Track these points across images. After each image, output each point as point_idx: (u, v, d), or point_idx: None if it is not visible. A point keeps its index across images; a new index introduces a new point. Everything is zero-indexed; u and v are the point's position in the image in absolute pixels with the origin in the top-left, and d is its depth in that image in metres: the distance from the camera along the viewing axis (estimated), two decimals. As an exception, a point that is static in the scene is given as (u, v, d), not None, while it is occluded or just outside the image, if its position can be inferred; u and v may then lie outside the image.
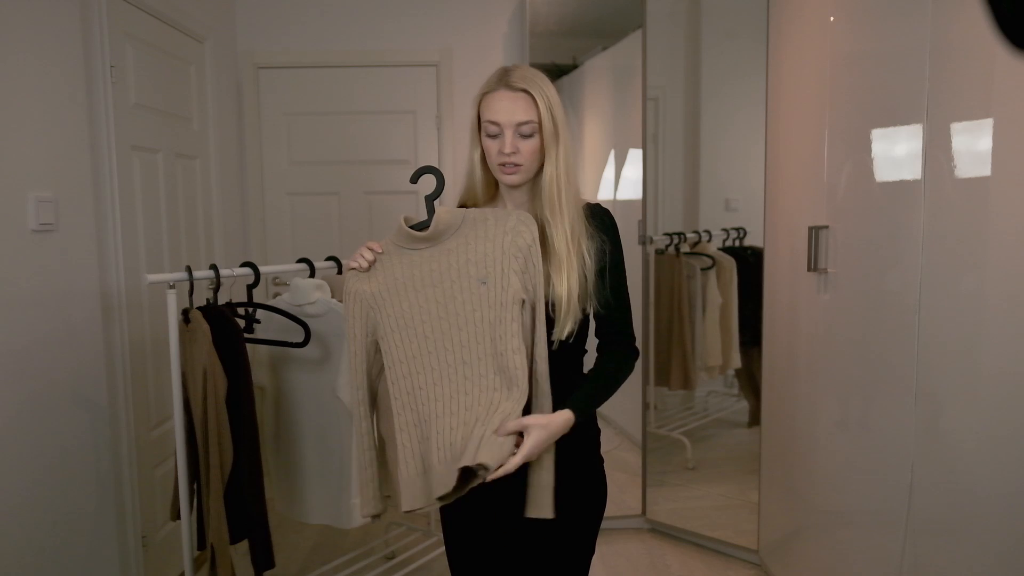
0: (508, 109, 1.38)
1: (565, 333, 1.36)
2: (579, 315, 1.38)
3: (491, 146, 1.41)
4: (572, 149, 1.44)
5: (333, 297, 2.15)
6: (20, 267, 1.90)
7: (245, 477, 1.91)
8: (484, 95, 1.42)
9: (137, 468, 2.38)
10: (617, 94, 3.18)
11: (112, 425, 2.28)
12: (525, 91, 1.38)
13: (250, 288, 2.08)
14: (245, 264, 2.07)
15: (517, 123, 1.38)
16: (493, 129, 1.40)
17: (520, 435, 1.30)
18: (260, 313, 2.14)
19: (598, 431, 1.52)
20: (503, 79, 1.40)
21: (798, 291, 2.32)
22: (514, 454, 1.27)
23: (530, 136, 1.39)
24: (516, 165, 1.40)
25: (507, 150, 1.38)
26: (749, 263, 2.95)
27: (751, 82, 2.66)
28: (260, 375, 2.19)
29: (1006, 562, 1.45)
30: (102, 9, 2.21)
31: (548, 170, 1.40)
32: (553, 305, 1.36)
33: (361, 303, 1.41)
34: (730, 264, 3.03)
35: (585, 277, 1.38)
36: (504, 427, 1.27)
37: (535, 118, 1.38)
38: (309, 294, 2.09)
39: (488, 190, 1.51)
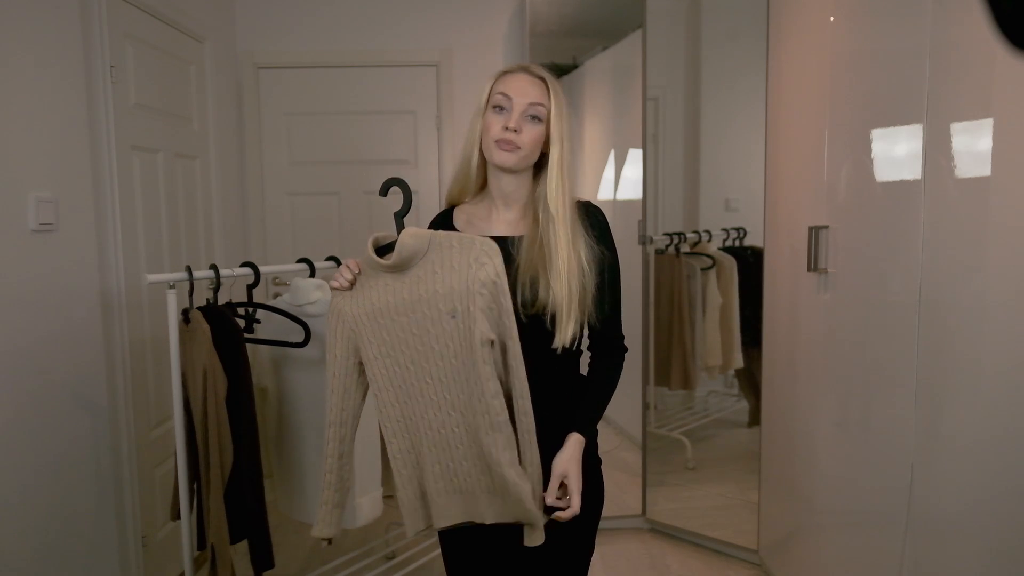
0: (523, 88, 1.38)
1: (568, 339, 1.35)
2: (579, 320, 1.36)
3: (494, 121, 1.38)
4: (573, 157, 1.42)
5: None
6: (20, 267, 1.90)
7: (245, 477, 1.91)
8: (502, 74, 1.42)
9: (137, 468, 2.38)
10: (617, 94, 3.18)
11: (112, 425, 2.28)
12: (543, 79, 1.40)
13: (250, 288, 2.08)
14: (245, 264, 2.07)
15: (529, 102, 1.37)
16: (502, 100, 1.38)
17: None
18: (260, 313, 2.14)
19: (595, 432, 1.51)
20: (524, 66, 1.43)
21: (798, 291, 2.32)
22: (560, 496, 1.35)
23: (537, 122, 1.38)
24: (515, 146, 1.37)
25: (511, 124, 1.36)
26: (749, 263, 2.95)
27: (751, 82, 2.66)
28: (262, 376, 2.19)
29: (1006, 562, 1.45)
30: (102, 9, 2.21)
31: (553, 164, 1.38)
32: (553, 314, 1.34)
33: (343, 324, 1.40)
34: (731, 264, 3.03)
35: (584, 287, 1.36)
36: (551, 491, 1.33)
37: (547, 104, 1.38)
38: (309, 294, 2.09)
39: (480, 176, 1.47)
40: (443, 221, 1.51)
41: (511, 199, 1.45)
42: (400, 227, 1.37)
